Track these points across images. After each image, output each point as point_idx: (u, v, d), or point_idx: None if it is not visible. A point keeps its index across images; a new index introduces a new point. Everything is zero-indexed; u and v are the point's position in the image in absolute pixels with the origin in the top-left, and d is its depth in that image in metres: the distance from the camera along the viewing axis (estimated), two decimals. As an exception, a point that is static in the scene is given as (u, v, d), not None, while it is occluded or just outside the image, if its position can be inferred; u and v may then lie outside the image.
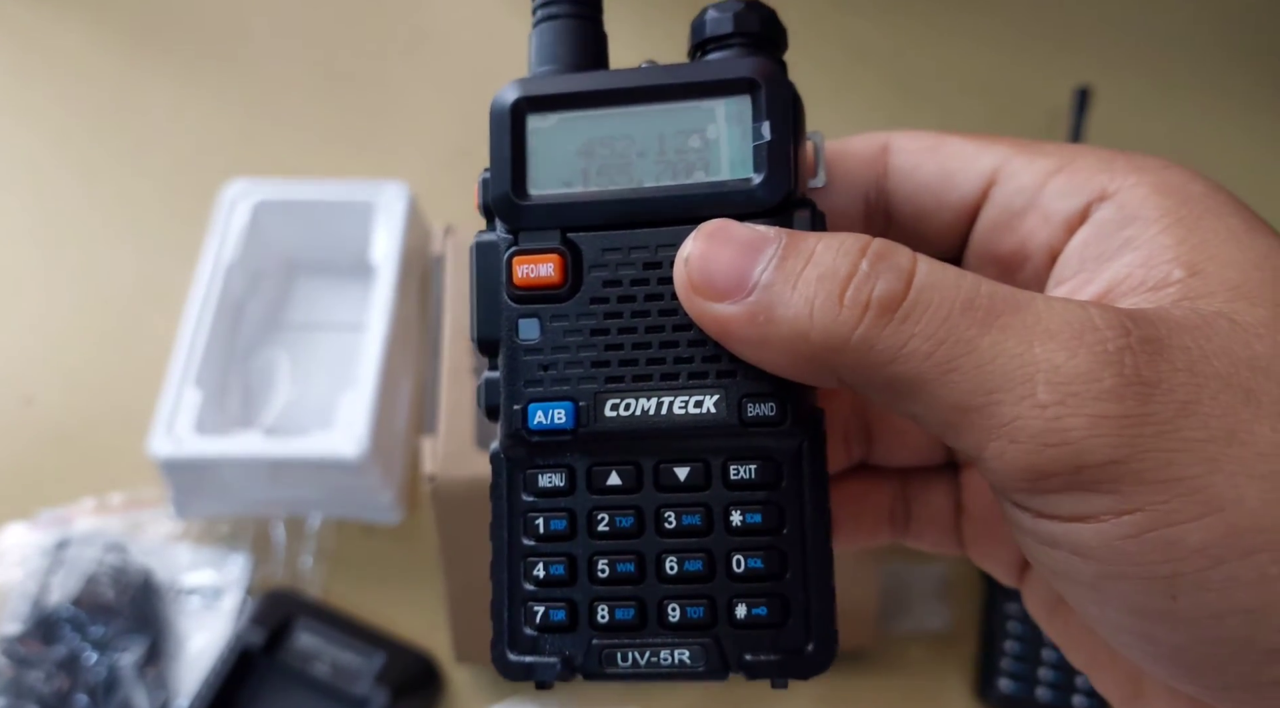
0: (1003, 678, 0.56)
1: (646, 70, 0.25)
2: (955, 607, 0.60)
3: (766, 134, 0.24)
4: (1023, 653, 0.56)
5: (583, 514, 0.24)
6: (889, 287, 0.21)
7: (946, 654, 0.59)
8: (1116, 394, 0.19)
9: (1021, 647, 0.56)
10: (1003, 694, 0.56)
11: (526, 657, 0.24)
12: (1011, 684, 0.56)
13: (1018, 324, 0.20)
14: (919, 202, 0.27)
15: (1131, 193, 0.23)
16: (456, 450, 0.47)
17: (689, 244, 0.23)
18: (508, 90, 0.25)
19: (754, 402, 0.23)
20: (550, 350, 0.24)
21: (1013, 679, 0.56)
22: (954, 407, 0.20)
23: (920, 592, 0.60)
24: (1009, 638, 0.57)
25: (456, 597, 0.53)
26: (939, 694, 0.58)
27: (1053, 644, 0.56)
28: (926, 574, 0.60)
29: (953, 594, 0.60)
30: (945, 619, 0.59)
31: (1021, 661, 0.56)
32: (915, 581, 0.60)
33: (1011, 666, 0.56)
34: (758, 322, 0.22)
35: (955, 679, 0.58)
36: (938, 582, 0.60)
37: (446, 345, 0.50)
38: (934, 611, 0.59)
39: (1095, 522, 0.20)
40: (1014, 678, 0.56)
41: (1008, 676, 0.56)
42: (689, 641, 0.24)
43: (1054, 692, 0.56)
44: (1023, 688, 0.56)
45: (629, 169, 0.24)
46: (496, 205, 0.25)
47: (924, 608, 0.59)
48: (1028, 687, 0.56)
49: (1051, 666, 0.56)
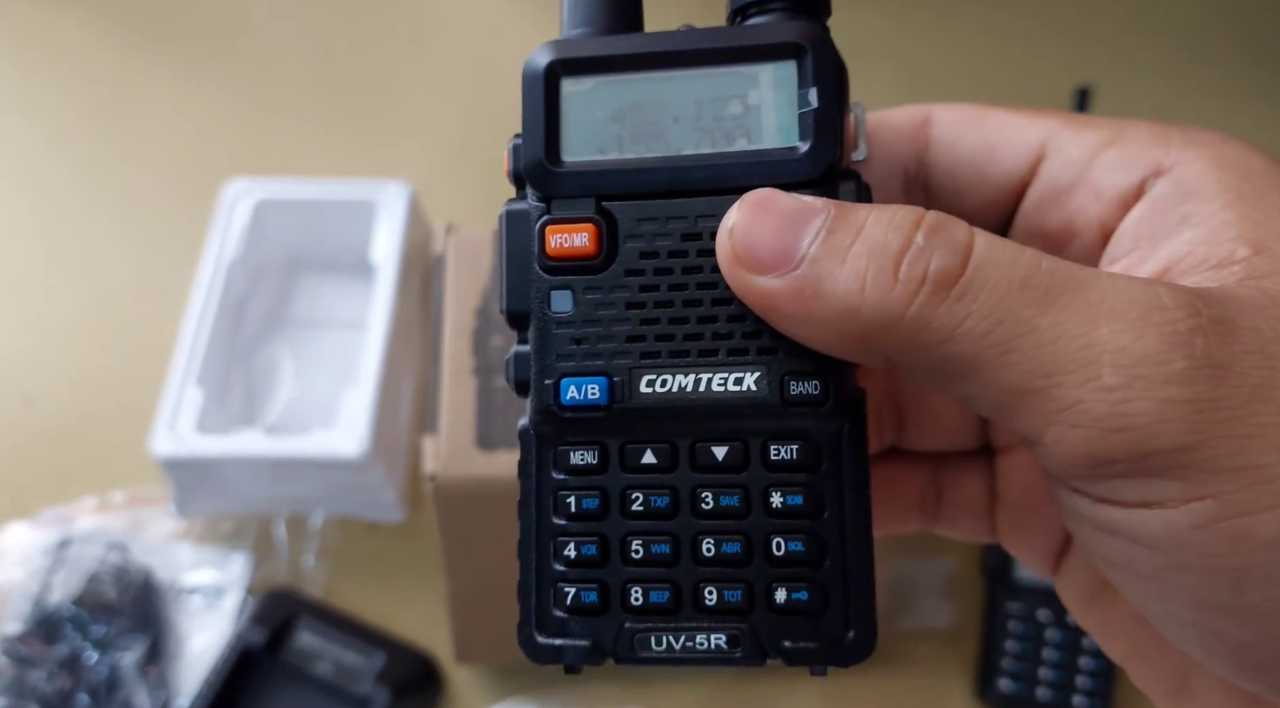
0: (1003, 678, 0.56)
1: (687, 33, 0.24)
2: (958, 605, 0.60)
3: (813, 101, 0.23)
4: (1023, 653, 0.56)
5: (615, 493, 0.23)
6: (945, 262, 0.20)
7: (949, 652, 0.59)
8: (1187, 378, 0.18)
9: (1022, 647, 0.56)
10: (1003, 694, 0.56)
11: (556, 639, 0.23)
12: (1011, 684, 0.56)
13: (1080, 303, 0.19)
14: (961, 176, 0.26)
15: (1189, 168, 0.22)
16: (458, 450, 0.47)
17: (733, 214, 0.22)
18: (540, 53, 0.24)
19: (797, 380, 0.22)
20: (583, 324, 0.23)
21: (1013, 679, 0.56)
22: (1011, 389, 0.19)
23: (925, 589, 0.59)
24: (1009, 638, 0.57)
25: (458, 596, 0.53)
26: (940, 693, 0.58)
27: (1054, 644, 0.56)
28: (931, 571, 0.60)
29: (955, 592, 0.60)
30: (949, 617, 0.59)
31: (1021, 660, 0.56)
32: (920, 577, 0.60)
33: (1011, 665, 0.56)
34: (804, 296, 0.21)
35: (956, 678, 0.58)
36: (942, 579, 0.60)
37: (447, 344, 0.50)
38: (938, 608, 0.59)
39: (1161, 509, 0.19)
40: (1014, 678, 0.56)
41: (1008, 676, 0.56)
42: (725, 625, 0.23)
43: (1054, 692, 0.56)
44: (1023, 688, 0.56)
45: (665, 136, 0.23)
46: (529, 172, 0.24)
47: (928, 605, 0.59)
48: (1028, 687, 0.56)
49: (1051, 665, 0.56)
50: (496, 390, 0.49)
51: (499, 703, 0.57)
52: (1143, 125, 0.24)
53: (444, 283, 0.52)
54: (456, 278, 0.52)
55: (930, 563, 0.60)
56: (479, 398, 0.49)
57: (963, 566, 0.61)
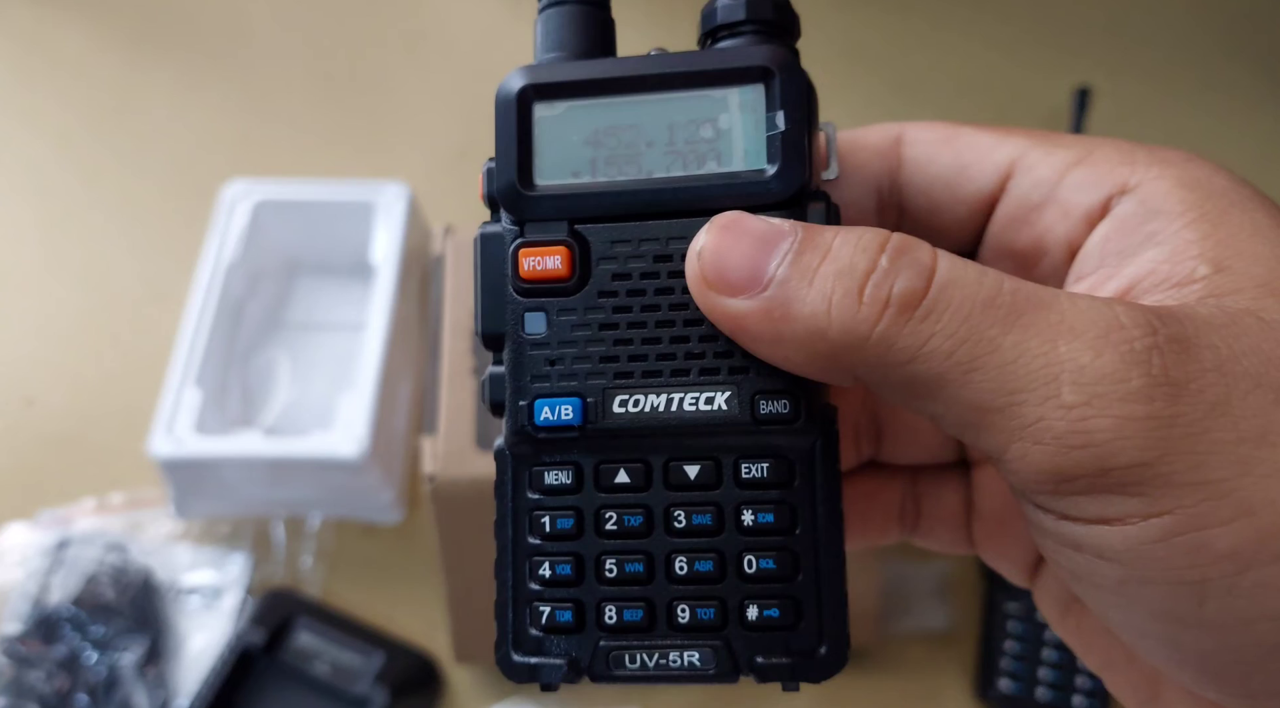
0: (1003, 678, 0.56)
1: (657, 58, 0.24)
2: (955, 607, 0.60)
3: (781, 124, 0.23)
4: (1023, 653, 0.56)
5: (590, 513, 0.24)
6: (909, 284, 0.20)
7: (946, 654, 0.59)
8: (1145, 395, 0.19)
9: (1021, 647, 0.56)
10: (1003, 694, 0.56)
11: (532, 658, 0.24)
12: (1011, 684, 0.56)
13: (1041, 322, 0.20)
14: (933, 194, 0.26)
15: (1154, 186, 0.23)
16: (456, 450, 0.47)
17: (701, 237, 0.22)
18: (513, 77, 0.24)
19: (767, 399, 0.23)
20: (557, 345, 0.24)
21: (1013, 679, 0.56)
22: (975, 407, 0.20)
23: (920, 591, 0.59)
24: (1009, 638, 0.57)
25: (456, 597, 0.53)
26: (939, 694, 0.58)
27: (1053, 644, 0.56)
28: (927, 573, 0.60)
29: (953, 594, 0.60)
30: (945, 619, 0.59)
31: (1021, 661, 0.56)
32: (915, 580, 0.60)
33: (1011, 666, 0.56)
34: (773, 318, 0.21)
35: (955, 679, 0.58)
36: (938, 581, 0.60)
37: (446, 346, 0.50)
38: (934, 610, 0.59)
39: (1121, 524, 0.19)
40: (1014, 678, 0.56)
41: (1008, 676, 0.56)
42: (699, 642, 0.23)
43: (1054, 692, 0.56)
44: (1023, 688, 0.56)
45: (638, 159, 0.24)
46: (502, 196, 0.24)
47: (924, 608, 0.59)
48: (1028, 687, 0.56)
49: (1051, 665, 0.56)
50: (495, 391, 0.49)
51: (498, 703, 0.57)
52: (1110, 144, 0.24)
53: (443, 284, 0.52)
54: (455, 279, 0.52)
55: (925, 565, 0.60)
56: (478, 399, 0.49)
57: (962, 566, 0.61)
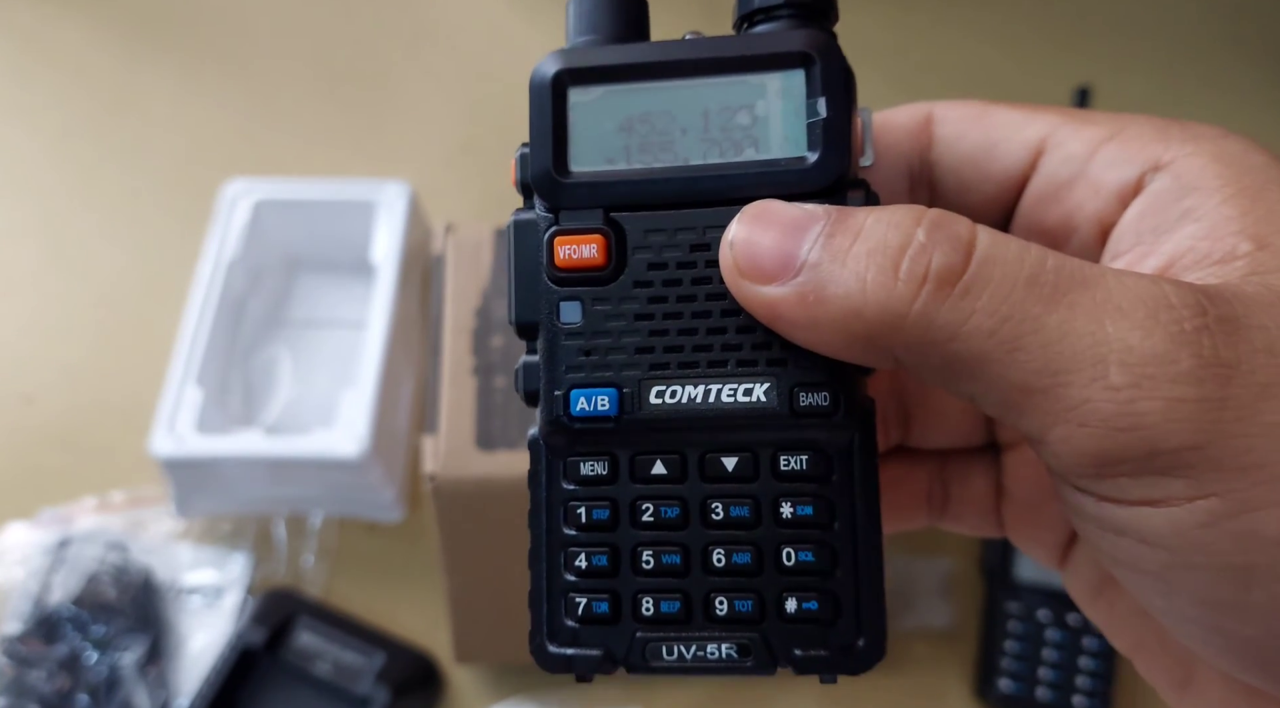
0: (1003, 678, 0.56)
1: (694, 43, 0.23)
2: (957, 606, 0.60)
3: (823, 111, 0.23)
4: (1023, 653, 0.56)
5: (626, 504, 0.23)
6: (947, 259, 0.20)
7: (948, 653, 0.59)
8: (1195, 377, 0.18)
9: (1021, 647, 0.56)
10: (1003, 694, 0.56)
11: (567, 649, 0.24)
12: (1011, 684, 0.56)
13: (1087, 301, 0.19)
14: (963, 173, 0.26)
15: (1188, 162, 0.22)
16: (457, 449, 0.47)
17: (733, 227, 0.22)
18: (547, 62, 0.24)
19: (806, 391, 0.23)
20: (592, 335, 0.23)
21: (1013, 679, 0.56)
22: (1017, 388, 0.19)
23: (924, 588, 0.59)
24: (1009, 638, 0.57)
25: (457, 596, 0.53)
26: (940, 693, 0.58)
27: (1053, 644, 0.56)
28: (931, 571, 0.60)
29: (954, 592, 0.60)
30: (948, 617, 0.59)
31: (1022, 661, 0.56)
32: (919, 577, 0.60)
33: (1012, 665, 0.56)
34: (807, 302, 0.21)
35: (956, 678, 0.58)
36: (941, 579, 0.60)
37: (447, 344, 0.50)
38: (937, 608, 0.59)
39: (1167, 507, 0.19)
40: (1014, 678, 0.56)
41: (1008, 675, 0.56)
42: (736, 635, 0.23)
43: (1054, 692, 0.56)
44: (1023, 688, 0.56)
45: (673, 146, 0.23)
46: (537, 183, 0.24)
47: (927, 605, 0.59)
48: (1028, 687, 0.56)
49: (1051, 665, 0.56)
50: (496, 390, 0.49)
51: (499, 703, 0.57)
52: (1143, 120, 0.24)
53: (444, 283, 0.52)
54: (456, 278, 0.52)
55: (929, 563, 0.60)
56: (479, 398, 0.49)
57: (962, 565, 0.61)
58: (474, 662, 0.57)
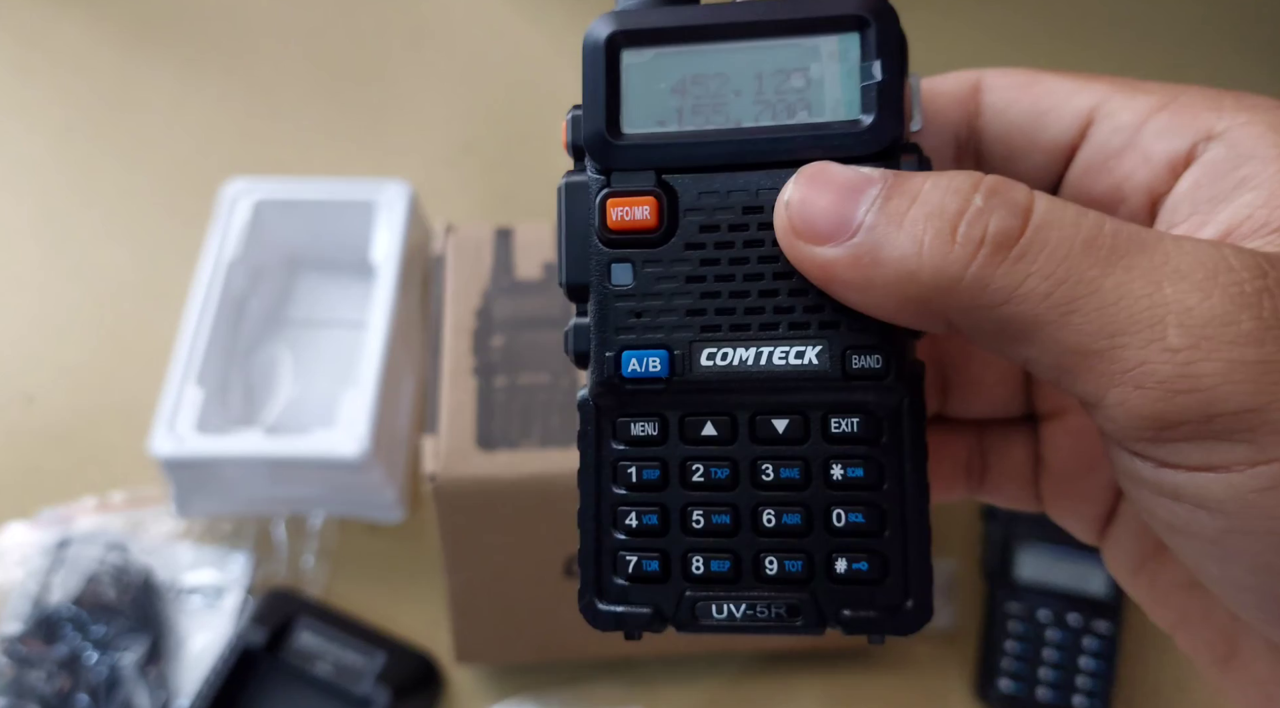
0: (1003, 678, 0.56)
1: (747, 4, 0.23)
2: (958, 605, 0.60)
3: (878, 74, 0.23)
4: (1023, 653, 0.56)
5: (675, 464, 0.24)
6: (1004, 223, 0.20)
7: (949, 653, 0.59)
8: (1255, 338, 0.18)
9: (1022, 647, 0.56)
10: (1003, 694, 0.56)
11: (617, 606, 0.24)
12: (1012, 684, 0.56)
13: (1145, 264, 0.19)
14: (1011, 141, 0.26)
15: (1244, 132, 0.22)
16: (457, 449, 0.47)
17: (789, 188, 0.22)
18: (600, 23, 0.24)
19: (859, 354, 0.23)
20: (643, 297, 0.23)
21: (1013, 679, 0.56)
22: (1073, 350, 0.19)
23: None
24: (1009, 638, 0.57)
25: (457, 596, 0.53)
26: (941, 693, 0.58)
27: (1053, 644, 0.56)
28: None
29: (955, 593, 0.60)
30: (950, 617, 0.59)
31: (1022, 661, 0.56)
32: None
33: (1012, 666, 0.56)
34: (862, 264, 0.21)
35: (957, 678, 0.58)
36: (943, 579, 0.60)
37: (447, 344, 0.50)
38: (940, 608, 0.59)
39: (1226, 472, 0.19)
40: (1014, 678, 0.56)
41: (1008, 676, 0.56)
42: (786, 594, 0.23)
43: (1054, 692, 0.56)
44: (1023, 688, 0.56)
45: (725, 108, 0.23)
46: (589, 144, 0.24)
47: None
48: (1028, 687, 0.56)
49: (1052, 665, 0.56)
50: (496, 390, 0.49)
51: (499, 703, 0.57)
52: (1195, 90, 0.24)
53: (444, 283, 0.52)
54: (456, 278, 0.52)
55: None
56: (479, 398, 0.49)
57: (963, 566, 0.61)
58: (474, 662, 0.57)
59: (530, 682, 0.58)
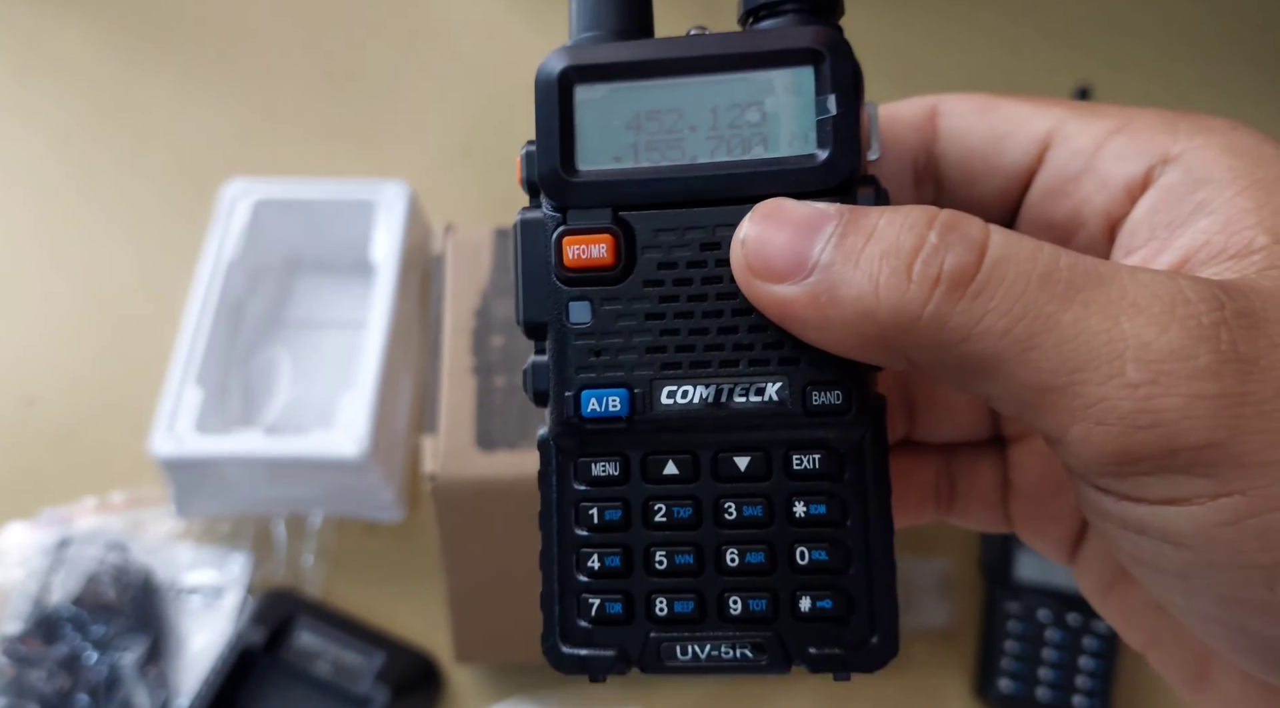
0: (1003, 678, 0.56)
1: (700, 39, 0.23)
2: (956, 606, 0.60)
3: (832, 108, 0.22)
4: (1023, 653, 0.56)
5: (638, 504, 0.23)
6: (960, 259, 0.19)
7: (947, 653, 0.59)
8: (1213, 372, 0.18)
9: (1021, 647, 0.56)
10: (1003, 694, 0.56)
11: (581, 649, 0.24)
12: (1011, 684, 0.56)
13: (1102, 298, 0.19)
14: (969, 166, 0.26)
15: (1200, 155, 0.22)
16: (457, 449, 0.47)
17: (744, 225, 0.22)
18: (554, 59, 0.23)
19: (820, 390, 0.22)
20: (602, 335, 0.23)
21: (1013, 679, 0.56)
22: (1033, 387, 0.19)
23: (921, 588, 0.59)
24: (1009, 638, 0.57)
25: (457, 596, 0.53)
26: (939, 693, 0.58)
27: (1053, 644, 0.56)
28: (928, 571, 0.60)
29: (953, 593, 0.60)
30: (946, 616, 0.59)
31: (1021, 661, 0.56)
32: (916, 577, 0.60)
33: (1011, 665, 0.56)
34: (819, 303, 0.20)
35: (956, 678, 0.58)
36: (939, 579, 0.60)
37: (447, 344, 0.50)
38: (935, 608, 0.59)
39: (1189, 505, 0.18)
40: (1014, 678, 0.56)
41: (1008, 676, 0.56)
42: (750, 634, 0.23)
43: (1054, 692, 0.56)
44: (1023, 688, 0.56)
45: (681, 144, 0.23)
46: (544, 182, 0.23)
47: (925, 605, 0.59)
48: (1028, 687, 0.56)
49: (1051, 665, 0.56)
50: (496, 390, 0.49)
51: (499, 703, 0.57)
52: (1151, 113, 0.23)
53: (443, 283, 0.52)
54: (456, 278, 0.52)
55: (926, 563, 0.60)
56: (478, 398, 0.49)
57: (962, 565, 0.61)
58: (474, 662, 0.57)
59: (530, 682, 0.58)
